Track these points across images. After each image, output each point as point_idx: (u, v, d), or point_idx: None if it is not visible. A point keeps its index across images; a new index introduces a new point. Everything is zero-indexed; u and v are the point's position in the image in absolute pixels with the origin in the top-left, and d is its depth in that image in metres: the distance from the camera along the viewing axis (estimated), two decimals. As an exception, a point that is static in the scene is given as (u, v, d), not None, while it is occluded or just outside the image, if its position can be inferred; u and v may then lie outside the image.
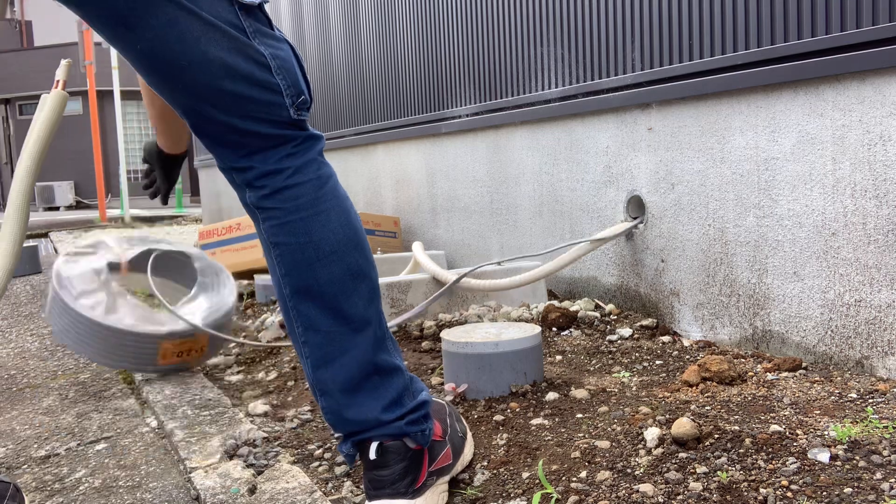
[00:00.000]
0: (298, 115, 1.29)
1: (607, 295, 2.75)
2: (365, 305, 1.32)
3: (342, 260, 1.30)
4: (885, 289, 1.84)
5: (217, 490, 1.45)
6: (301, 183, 1.29)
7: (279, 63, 1.26)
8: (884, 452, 1.38)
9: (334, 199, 1.32)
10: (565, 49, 2.85)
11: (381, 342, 1.33)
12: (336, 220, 1.31)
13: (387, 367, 1.33)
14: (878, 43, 1.78)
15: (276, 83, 1.26)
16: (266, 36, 1.26)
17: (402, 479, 1.30)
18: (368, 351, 1.31)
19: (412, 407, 1.34)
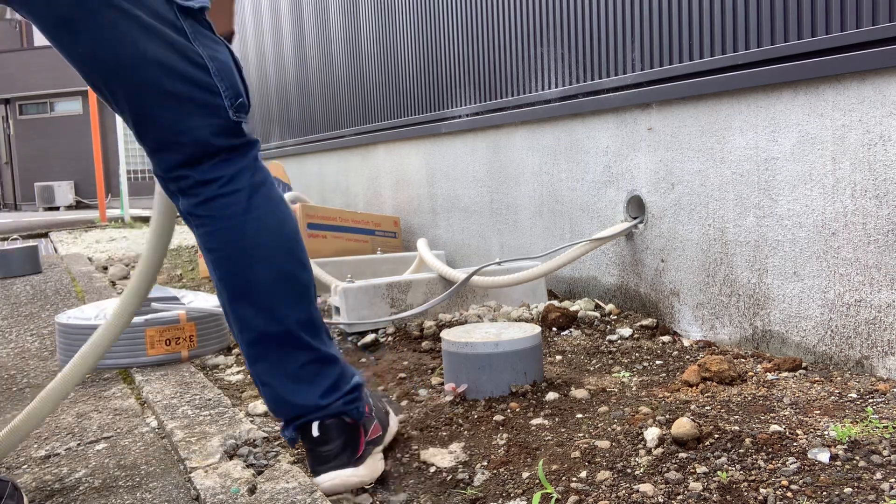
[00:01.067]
0: (237, 117, 1.32)
1: (607, 295, 2.75)
2: (297, 304, 1.40)
3: (273, 265, 1.37)
4: (885, 289, 1.84)
5: (217, 490, 1.45)
6: (234, 192, 1.33)
7: (217, 65, 1.29)
8: (884, 452, 1.38)
9: (266, 205, 1.36)
10: (565, 49, 2.85)
11: (316, 334, 1.42)
12: (266, 226, 1.36)
13: (322, 358, 1.43)
14: (878, 43, 1.78)
15: (214, 84, 1.28)
16: (205, 38, 1.29)
17: (344, 451, 1.42)
18: (303, 343, 1.40)
19: (347, 389, 1.45)
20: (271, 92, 5.97)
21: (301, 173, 5.40)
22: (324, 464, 1.42)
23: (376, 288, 2.66)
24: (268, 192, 1.38)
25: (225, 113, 1.30)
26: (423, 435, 1.67)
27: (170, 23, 1.23)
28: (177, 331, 2.47)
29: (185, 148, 1.30)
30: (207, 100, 1.28)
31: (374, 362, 2.31)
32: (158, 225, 1.56)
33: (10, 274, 4.93)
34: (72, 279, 4.65)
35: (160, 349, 2.44)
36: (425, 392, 1.97)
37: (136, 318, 2.47)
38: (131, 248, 6.94)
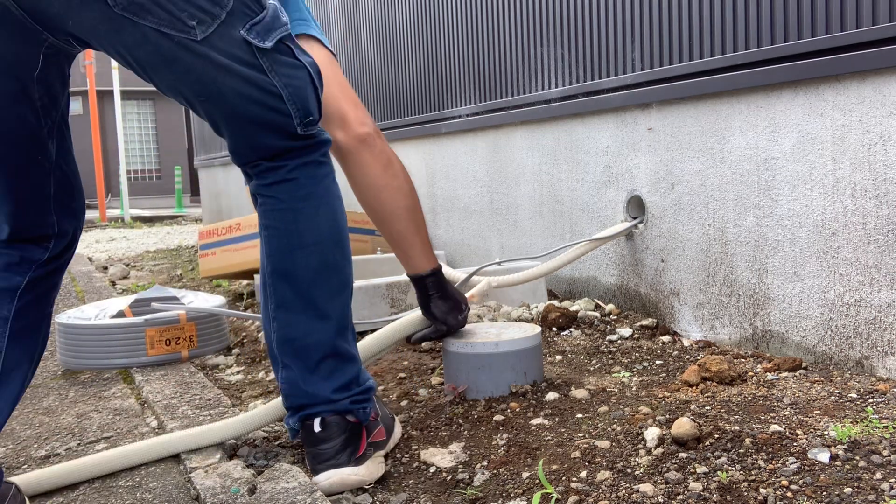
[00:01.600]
0: (305, 132, 1.43)
1: (607, 295, 2.75)
2: (334, 297, 1.47)
3: (321, 252, 1.44)
4: (885, 289, 1.84)
5: (217, 490, 1.45)
6: (298, 178, 1.44)
7: (291, 91, 1.40)
8: (884, 452, 1.38)
9: (325, 196, 1.46)
10: (565, 49, 2.85)
11: (343, 332, 1.49)
12: (323, 216, 1.45)
13: (344, 355, 1.49)
14: (878, 43, 1.78)
15: (286, 109, 1.39)
16: (284, 66, 1.39)
17: (344, 450, 1.45)
18: (330, 337, 1.46)
19: (359, 391, 1.50)
20: (271, 92, 5.97)
21: (301, 173, 5.40)
22: (323, 462, 1.45)
23: (376, 288, 2.66)
24: (328, 186, 1.47)
25: (293, 129, 1.41)
26: (423, 435, 1.67)
27: (246, 62, 1.34)
28: (177, 331, 2.47)
29: (257, 152, 1.43)
30: (279, 121, 1.40)
31: (374, 362, 2.31)
32: None
33: (10, 274, 4.91)
34: (72, 279, 4.65)
35: (160, 349, 2.44)
36: (425, 392, 1.97)
37: (136, 318, 2.49)
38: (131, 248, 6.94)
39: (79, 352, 2.47)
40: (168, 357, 2.46)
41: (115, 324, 2.47)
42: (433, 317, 1.84)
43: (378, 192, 1.71)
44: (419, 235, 1.77)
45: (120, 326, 2.45)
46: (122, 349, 2.44)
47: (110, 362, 2.45)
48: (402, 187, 1.72)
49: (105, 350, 2.44)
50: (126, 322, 2.47)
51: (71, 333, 2.49)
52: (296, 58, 1.42)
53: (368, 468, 1.47)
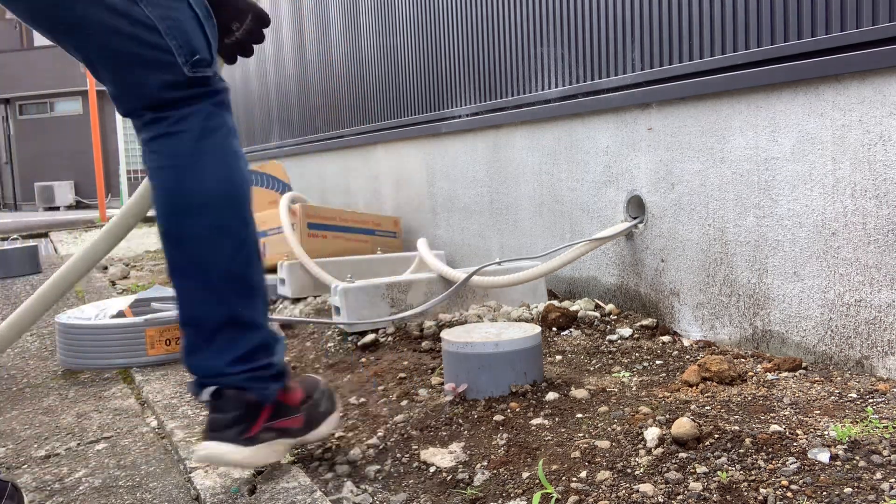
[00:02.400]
0: (194, 73, 1.31)
1: (607, 295, 2.75)
2: (229, 262, 1.36)
3: (211, 214, 1.33)
4: (885, 289, 1.84)
5: (217, 490, 1.45)
6: (182, 132, 1.33)
7: (170, 25, 1.28)
8: (884, 452, 1.38)
9: (216, 152, 1.34)
10: (565, 49, 2.85)
11: (245, 298, 1.38)
12: (212, 173, 1.33)
13: (245, 322, 1.38)
14: (878, 43, 1.78)
15: (165, 44, 1.28)
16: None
17: (234, 425, 1.36)
18: (226, 306, 1.36)
19: (262, 365, 1.39)
20: (271, 92, 5.97)
21: (301, 173, 5.40)
22: (210, 430, 1.38)
23: (376, 288, 2.66)
24: (221, 140, 1.35)
25: (179, 70, 1.30)
26: (423, 435, 1.67)
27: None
28: (177, 331, 2.47)
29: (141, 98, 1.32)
30: (158, 57, 1.28)
31: (374, 362, 2.31)
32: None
33: (10, 274, 4.93)
34: (72, 279, 4.64)
35: (160, 349, 2.44)
36: (425, 392, 1.97)
37: (136, 318, 2.49)
38: (131, 248, 6.94)
39: (79, 352, 2.47)
40: (168, 357, 2.46)
41: (115, 324, 2.47)
42: None
43: None
44: None
45: (120, 326, 2.45)
46: (122, 349, 2.44)
47: (110, 362, 2.45)
48: None
49: (105, 350, 2.45)
50: (126, 322, 2.47)
51: (71, 333, 2.49)
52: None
53: (256, 452, 1.39)
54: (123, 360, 2.44)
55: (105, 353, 2.45)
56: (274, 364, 1.43)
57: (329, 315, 2.82)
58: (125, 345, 2.44)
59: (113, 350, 2.45)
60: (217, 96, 1.37)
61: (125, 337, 2.44)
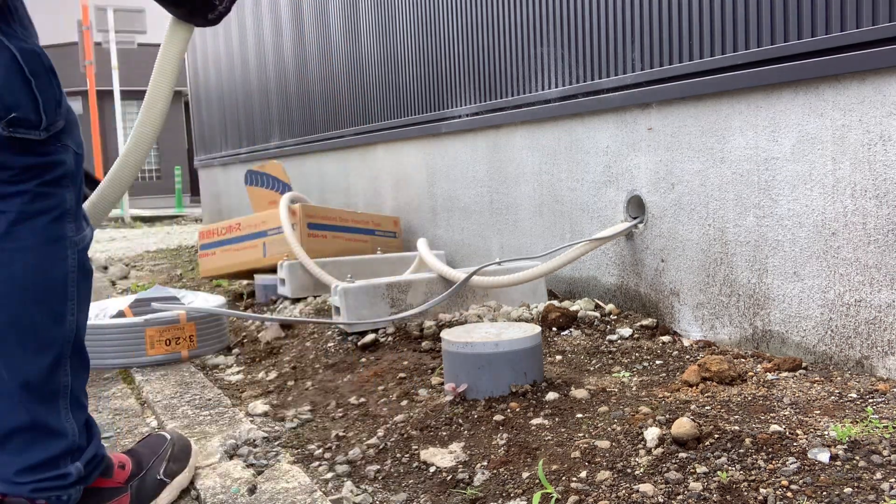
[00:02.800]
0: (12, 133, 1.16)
1: (607, 295, 2.75)
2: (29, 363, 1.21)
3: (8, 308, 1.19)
4: (885, 289, 1.84)
5: (217, 490, 1.45)
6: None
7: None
8: (884, 452, 1.38)
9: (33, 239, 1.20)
10: (565, 49, 2.85)
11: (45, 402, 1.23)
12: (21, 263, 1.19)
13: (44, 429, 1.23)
14: (878, 43, 1.78)
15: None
16: None
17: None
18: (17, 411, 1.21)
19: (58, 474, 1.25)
20: (271, 92, 5.97)
21: (301, 173, 5.40)
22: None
23: (376, 288, 2.66)
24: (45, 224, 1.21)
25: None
26: (423, 435, 1.67)
27: None
28: (177, 331, 2.47)
29: None
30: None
31: (374, 362, 2.31)
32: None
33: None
34: (72, 279, 4.64)
35: (160, 349, 2.44)
36: (425, 392, 1.97)
37: (136, 318, 2.49)
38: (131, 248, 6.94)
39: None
40: (168, 357, 2.46)
41: (115, 324, 2.47)
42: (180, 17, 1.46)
43: None
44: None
45: (120, 326, 2.45)
46: (122, 349, 2.44)
47: (110, 362, 2.45)
48: None
49: (105, 350, 2.45)
50: (126, 322, 2.47)
51: None
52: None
53: None
54: (123, 360, 2.44)
55: (105, 353, 2.45)
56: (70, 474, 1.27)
57: (329, 315, 2.82)
58: (125, 345, 2.44)
59: (113, 350, 2.45)
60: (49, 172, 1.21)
61: (125, 337, 2.44)
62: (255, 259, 3.60)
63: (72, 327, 1.26)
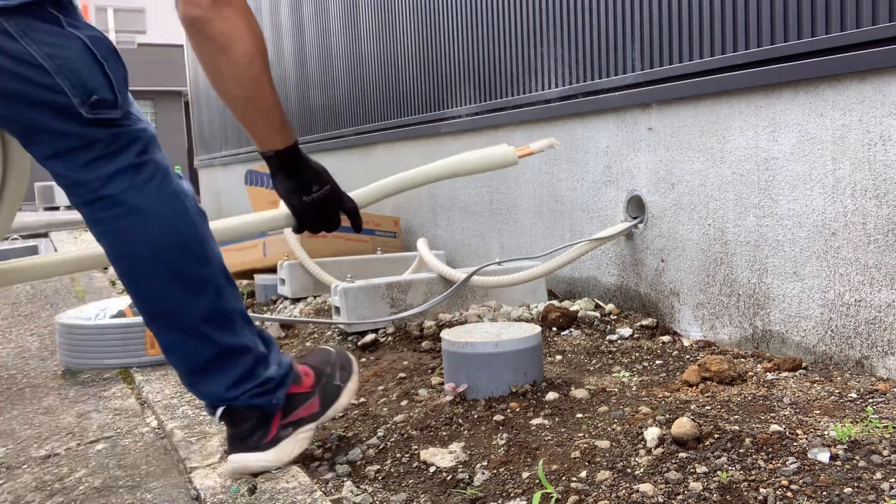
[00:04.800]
0: (95, 115, 1.26)
1: (607, 295, 2.75)
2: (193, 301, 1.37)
3: (163, 263, 1.34)
4: (885, 289, 1.84)
5: (217, 490, 1.45)
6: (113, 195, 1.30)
7: (59, 63, 1.22)
8: (884, 452, 1.38)
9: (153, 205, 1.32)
10: (565, 49, 2.85)
11: (223, 328, 1.40)
12: (155, 225, 1.32)
13: (230, 351, 1.41)
14: (878, 43, 1.78)
15: (55, 84, 1.23)
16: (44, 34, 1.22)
17: (251, 435, 1.44)
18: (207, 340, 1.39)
19: (260, 381, 1.43)
20: (271, 92, 5.96)
21: (301, 173, 5.40)
22: (231, 445, 1.46)
23: (376, 288, 2.66)
24: (154, 190, 1.33)
25: (75, 111, 1.25)
26: (423, 435, 1.67)
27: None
28: None
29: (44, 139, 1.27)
30: (53, 99, 1.23)
31: (374, 362, 2.31)
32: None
33: (10, 274, 4.92)
34: (72, 279, 4.65)
35: (160, 349, 2.44)
36: (425, 392, 1.97)
37: (136, 318, 2.48)
38: (131, 248, 6.93)
39: (79, 351, 2.47)
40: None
41: (115, 324, 2.47)
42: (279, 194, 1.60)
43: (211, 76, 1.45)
44: (260, 122, 1.48)
45: (120, 326, 2.45)
46: (122, 349, 2.44)
47: (110, 362, 2.45)
48: (237, 75, 1.40)
49: (105, 350, 2.45)
50: (126, 322, 2.47)
51: (71, 333, 2.49)
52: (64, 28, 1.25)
53: (279, 451, 1.46)
54: (123, 360, 2.44)
55: (105, 352, 2.45)
56: (272, 377, 1.46)
57: (329, 315, 2.82)
58: (125, 345, 2.44)
59: (113, 350, 2.45)
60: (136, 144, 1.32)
61: (125, 337, 2.44)
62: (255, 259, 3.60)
63: (216, 261, 1.41)
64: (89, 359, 2.47)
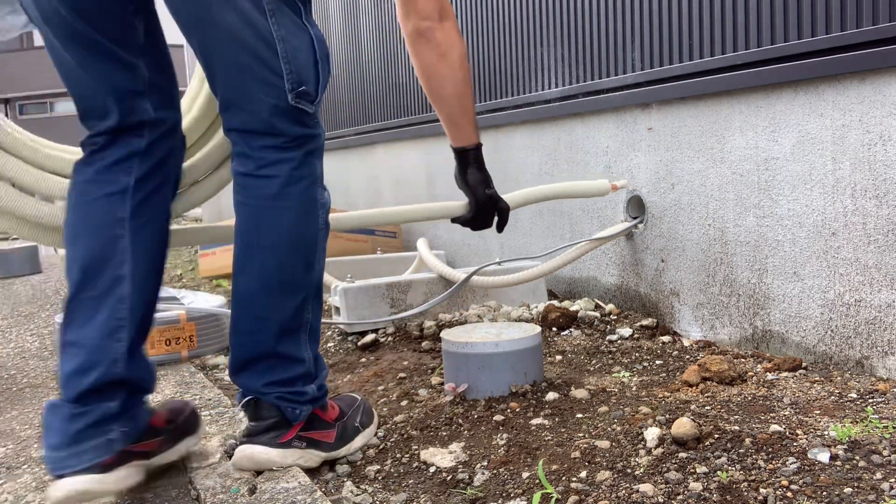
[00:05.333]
0: (296, 103, 1.37)
1: (607, 295, 2.75)
2: (283, 302, 1.45)
3: (277, 255, 1.42)
4: (885, 289, 1.84)
5: (217, 490, 1.45)
6: (268, 177, 1.40)
7: (288, 49, 1.35)
8: (884, 452, 1.38)
9: (296, 200, 1.42)
10: (565, 49, 2.85)
11: (290, 335, 1.47)
12: (287, 219, 1.42)
13: (286, 357, 1.47)
14: (878, 43, 1.78)
15: (278, 66, 1.34)
16: (287, 20, 1.35)
17: (268, 432, 1.47)
18: (272, 338, 1.45)
19: (296, 391, 1.48)
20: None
21: (301, 173, 5.41)
22: (247, 436, 1.50)
23: (376, 288, 2.66)
24: (303, 189, 1.43)
25: (284, 96, 1.36)
26: (423, 435, 1.67)
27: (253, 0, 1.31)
28: (177, 331, 2.47)
29: (242, 115, 1.38)
30: (269, 78, 1.35)
31: (374, 362, 2.31)
32: None
33: (10, 274, 4.93)
34: (72, 279, 4.64)
35: (160, 349, 2.44)
36: (425, 392, 1.97)
37: None
38: (131, 248, 6.92)
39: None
40: (168, 357, 2.46)
41: None
42: (466, 185, 1.96)
43: (429, 78, 1.77)
44: (465, 117, 1.87)
45: None
46: None
47: None
48: (454, 76, 1.76)
49: None
50: None
51: None
52: (302, 20, 1.39)
53: (284, 454, 1.48)
54: None
55: None
56: (307, 393, 1.51)
57: (329, 315, 2.82)
58: None
59: None
60: (310, 143, 1.44)
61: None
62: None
63: (318, 274, 1.50)
64: None
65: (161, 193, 1.48)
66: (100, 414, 1.36)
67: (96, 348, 1.37)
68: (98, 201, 1.41)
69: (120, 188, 1.41)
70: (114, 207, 1.40)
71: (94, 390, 1.36)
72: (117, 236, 1.40)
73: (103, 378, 1.37)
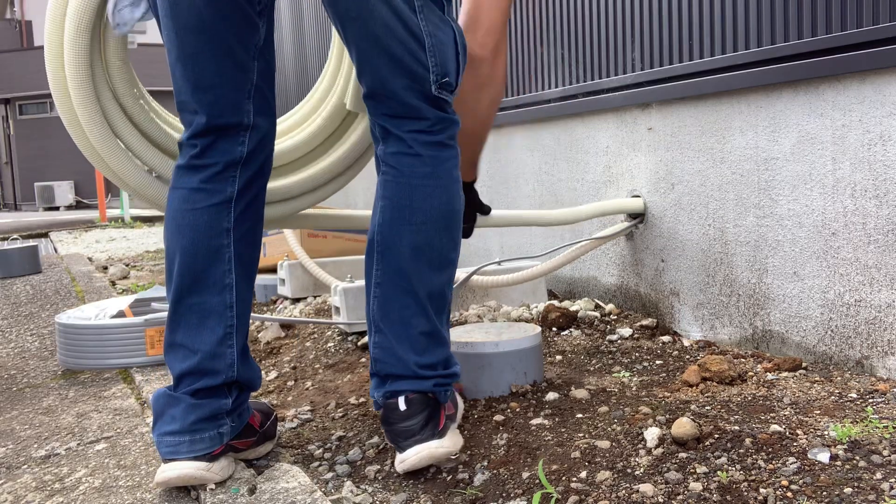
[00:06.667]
0: (439, 93, 1.46)
1: (607, 295, 2.75)
2: (433, 278, 1.49)
3: (428, 232, 1.48)
4: (885, 289, 1.84)
5: (217, 490, 1.45)
6: (422, 155, 1.48)
7: (434, 42, 1.44)
8: (884, 452, 1.38)
9: (445, 178, 1.49)
10: (565, 49, 2.85)
11: (439, 312, 1.51)
12: (438, 197, 1.48)
13: (435, 335, 1.51)
14: (878, 43, 1.78)
15: (424, 59, 1.43)
16: (433, 15, 1.44)
17: (426, 425, 1.46)
18: (424, 315, 1.48)
19: (445, 374, 1.51)
20: (271, 92, 5.97)
21: (301, 173, 5.40)
22: (408, 438, 1.46)
23: (376, 288, 2.65)
24: (450, 169, 1.50)
25: (428, 85, 1.44)
26: (423, 435, 1.67)
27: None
28: None
29: (390, 102, 1.46)
30: (415, 69, 1.43)
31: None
32: None
33: (10, 274, 4.93)
34: (72, 279, 4.65)
35: (160, 349, 2.44)
36: (425, 392, 1.97)
37: (136, 318, 2.49)
38: (131, 248, 6.94)
39: (79, 352, 2.47)
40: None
41: (115, 324, 2.47)
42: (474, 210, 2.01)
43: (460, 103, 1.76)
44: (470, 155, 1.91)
45: (120, 326, 2.45)
46: (122, 349, 2.44)
47: (110, 362, 2.45)
48: (478, 112, 1.84)
49: (105, 350, 2.45)
50: (126, 322, 2.47)
51: (71, 333, 2.49)
52: (445, 13, 1.47)
53: (451, 440, 1.49)
54: (123, 360, 2.44)
55: (105, 353, 2.45)
56: (456, 374, 1.55)
57: (329, 315, 2.82)
58: (125, 345, 2.44)
59: (113, 350, 2.45)
60: (451, 129, 1.51)
61: (125, 337, 2.44)
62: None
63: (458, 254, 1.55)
64: (89, 359, 2.47)
65: (259, 200, 1.55)
66: (216, 408, 1.45)
67: (210, 355, 1.45)
68: (205, 211, 1.46)
69: (225, 198, 1.47)
70: (220, 217, 1.47)
71: (211, 389, 1.45)
72: (224, 245, 1.47)
73: (221, 381, 1.46)
